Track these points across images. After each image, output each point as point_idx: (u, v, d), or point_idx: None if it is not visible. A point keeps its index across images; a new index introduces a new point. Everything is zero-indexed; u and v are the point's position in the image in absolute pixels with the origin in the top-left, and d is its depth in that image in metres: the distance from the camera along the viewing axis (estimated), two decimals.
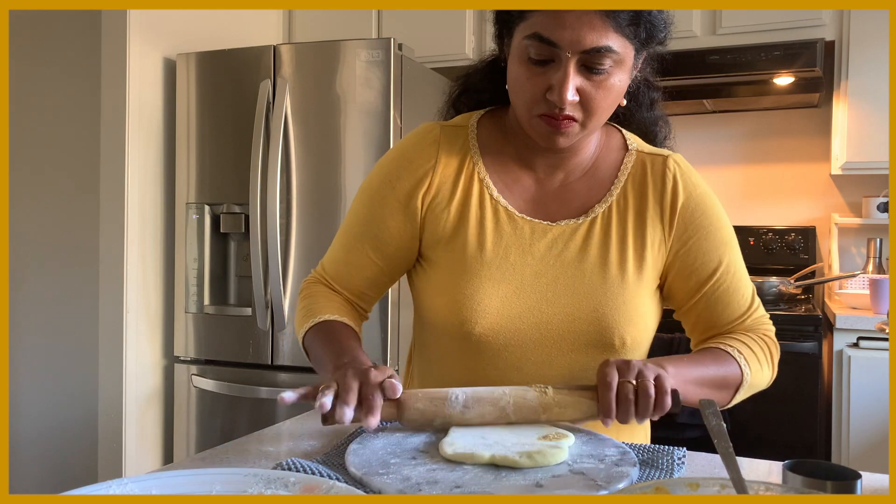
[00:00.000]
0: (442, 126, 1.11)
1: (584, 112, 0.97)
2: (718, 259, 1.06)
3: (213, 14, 2.86)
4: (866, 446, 2.30)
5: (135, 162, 2.57)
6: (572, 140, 1.01)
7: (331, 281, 1.15)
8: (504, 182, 1.08)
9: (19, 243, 3.03)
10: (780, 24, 2.58)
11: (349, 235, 1.13)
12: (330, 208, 2.44)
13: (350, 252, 1.12)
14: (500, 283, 1.03)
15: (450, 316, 1.04)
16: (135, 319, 2.58)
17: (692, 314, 1.09)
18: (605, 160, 1.09)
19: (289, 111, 2.47)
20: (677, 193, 1.06)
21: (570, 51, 0.93)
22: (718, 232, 1.07)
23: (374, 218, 1.10)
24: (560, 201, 1.08)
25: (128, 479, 0.71)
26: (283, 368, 2.52)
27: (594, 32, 0.92)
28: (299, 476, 0.72)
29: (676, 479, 0.64)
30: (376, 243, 1.10)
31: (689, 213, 1.06)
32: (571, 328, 1.02)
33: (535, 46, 0.94)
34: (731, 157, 3.05)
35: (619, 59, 0.95)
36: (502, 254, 1.04)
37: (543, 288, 1.03)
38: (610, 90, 0.97)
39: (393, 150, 1.13)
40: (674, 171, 1.07)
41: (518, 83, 0.99)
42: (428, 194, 1.07)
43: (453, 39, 2.96)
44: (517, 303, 1.03)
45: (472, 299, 1.02)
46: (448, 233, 1.06)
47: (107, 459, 2.58)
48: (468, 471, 0.79)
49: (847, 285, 2.74)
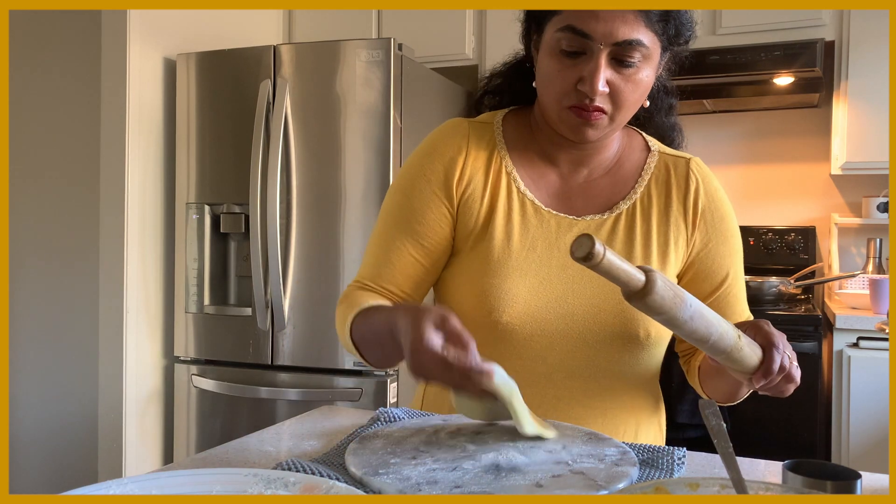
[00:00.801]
0: (469, 121, 1.13)
1: (612, 105, 0.99)
2: (729, 266, 1.10)
3: (213, 14, 2.86)
4: (866, 446, 2.30)
5: (135, 162, 2.57)
6: (600, 133, 1.03)
7: (371, 283, 1.10)
8: (530, 177, 1.10)
9: (19, 243, 3.03)
10: (780, 24, 2.58)
11: (385, 236, 1.10)
12: (330, 208, 2.44)
13: (389, 251, 1.09)
14: (526, 274, 1.04)
15: (477, 305, 1.05)
16: (135, 319, 2.58)
17: None
18: (629, 159, 1.12)
19: (289, 111, 2.47)
20: (700, 196, 1.09)
21: (603, 42, 0.95)
22: (732, 239, 1.11)
23: (413, 212, 1.08)
24: (584, 197, 1.10)
25: (128, 479, 0.71)
26: (283, 368, 2.52)
27: (626, 25, 0.95)
28: (299, 476, 0.72)
29: (676, 479, 0.64)
30: (417, 237, 1.08)
31: (710, 216, 1.09)
32: (597, 320, 1.04)
33: (567, 38, 0.97)
34: (731, 157, 3.05)
35: (647, 54, 0.98)
36: (529, 246, 1.06)
37: (569, 280, 1.05)
38: (638, 84, 0.99)
39: (421, 146, 1.13)
40: (697, 173, 1.10)
41: (549, 76, 1.01)
42: (461, 184, 1.08)
43: (453, 39, 2.96)
44: (543, 293, 1.04)
45: (500, 289, 1.03)
46: (480, 224, 1.07)
47: (107, 459, 2.58)
48: (468, 471, 0.79)
49: (847, 285, 2.74)
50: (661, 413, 1.16)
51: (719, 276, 1.09)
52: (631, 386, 1.08)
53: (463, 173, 1.08)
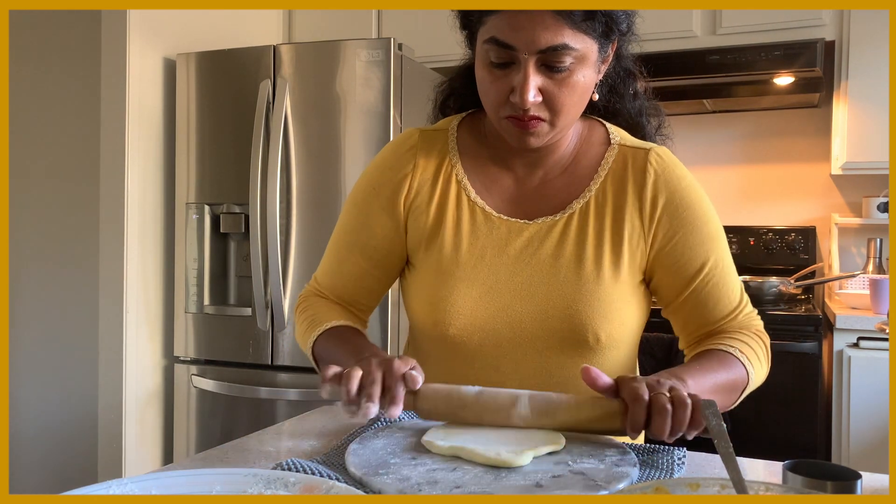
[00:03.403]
0: (421, 131, 1.12)
1: (549, 111, 0.97)
2: (706, 255, 1.03)
3: (213, 14, 2.86)
4: (866, 446, 2.30)
5: (135, 162, 2.57)
6: (544, 139, 1.00)
7: (326, 292, 1.16)
8: (483, 183, 1.08)
9: (19, 243, 3.03)
10: (780, 24, 2.58)
11: (339, 246, 1.15)
12: (330, 208, 2.44)
13: (342, 263, 1.14)
14: (474, 283, 1.04)
15: (427, 317, 1.06)
16: (135, 319, 2.58)
17: (681, 312, 1.07)
18: (586, 155, 1.08)
19: (289, 111, 2.47)
20: (658, 188, 1.03)
21: (527, 51, 0.93)
22: (705, 227, 1.04)
23: (362, 226, 1.12)
24: (539, 199, 1.07)
25: (128, 479, 0.71)
26: (282, 368, 2.52)
27: (548, 32, 0.91)
28: (299, 476, 0.72)
29: (676, 479, 0.64)
30: (366, 251, 1.12)
31: (672, 207, 1.03)
32: (544, 326, 1.02)
33: (494, 50, 0.95)
34: (731, 157, 3.05)
35: (580, 56, 0.94)
36: (478, 254, 1.05)
37: (517, 287, 1.03)
38: (574, 87, 0.96)
39: (375, 159, 1.15)
40: (655, 164, 1.05)
41: (483, 87, 1.00)
42: (408, 198, 1.09)
43: (453, 39, 2.94)
44: (490, 303, 1.03)
45: (447, 301, 1.04)
46: (427, 234, 1.07)
47: (107, 459, 2.58)
48: (468, 471, 0.79)
49: (847, 285, 2.74)
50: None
51: (692, 268, 1.03)
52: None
53: (411, 186, 1.09)
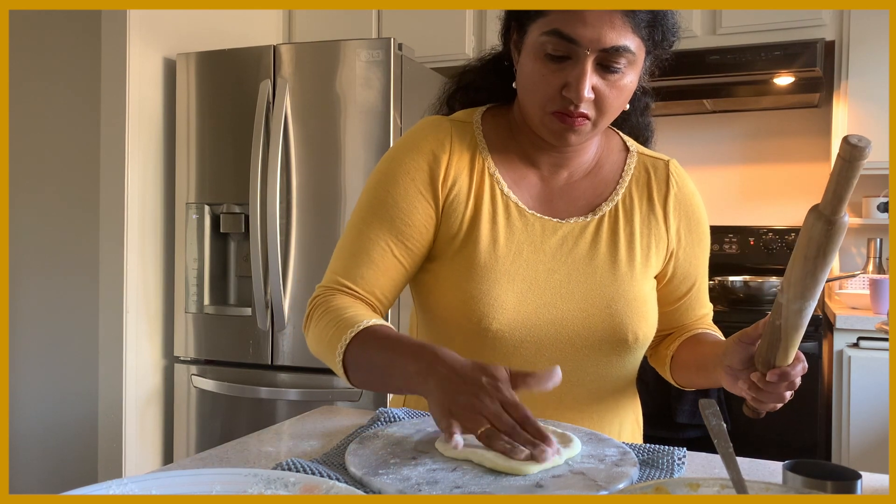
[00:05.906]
0: (451, 120, 1.09)
1: (597, 110, 0.98)
2: (702, 269, 1.13)
3: (213, 14, 2.86)
4: (866, 446, 2.30)
5: (135, 162, 2.57)
6: (583, 139, 1.01)
7: (352, 286, 1.03)
8: (512, 178, 1.07)
9: (19, 243, 3.03)
10: (780, 24, 2.58)
11: (366, 235, 1.04)
12: (330, 208, 2.44)
13: (371, 249, 1.03)
14: (514, 279, 1.02)
15: (466, 313, 1.01)
16: (135, 320, 2.58)
17: (663, 315, 1.13)
18: (608, 160, 1.11)
19: (289, 111, 2.47)
20: (679, 201, 1.10)
21: (590, 48, 0.93)
22: (705, 241, 1.13)
23: (398, 210, 1.03)
24: (566, 199, 1.08)
25: (128, 479, 0.71)
26: (282, 368, 2.52)
27: (614, 31, 0.93)
28: (299, 476, 0.72)
29: (676, 479, 0.64)
30: (402, 237, 1.03)
31: (688, 222, 1.10)
32: (586, 324, 1.03)
33: (553, 43, 0.94)
34: (731, 157, 3.05)
35: (633, 60, 0.96)
36: (515, 250, 1.03)
37: (557, 285, 1.03)
38: (622, 90, 0.98)
39: (402, 142, 1.08)
40: (676, 176, 1.11)
41: (532, 80, 0.98)
42: (446, 185, 1.04)
43: (453, 39, 2.96)
44: (532, 299, 1.02)
45: (489, 295, 1.01)
46: (465, 228, 1.04)
47: (107, 459, 2.58)
48: (468, 471, 0.79)
49: (847, 285, 2.74)
50: (639, 410, 1.17)
51: (692, 279, 1.12)
52: (615, 388, 1.08)
53: (448, 173, 1.04)
